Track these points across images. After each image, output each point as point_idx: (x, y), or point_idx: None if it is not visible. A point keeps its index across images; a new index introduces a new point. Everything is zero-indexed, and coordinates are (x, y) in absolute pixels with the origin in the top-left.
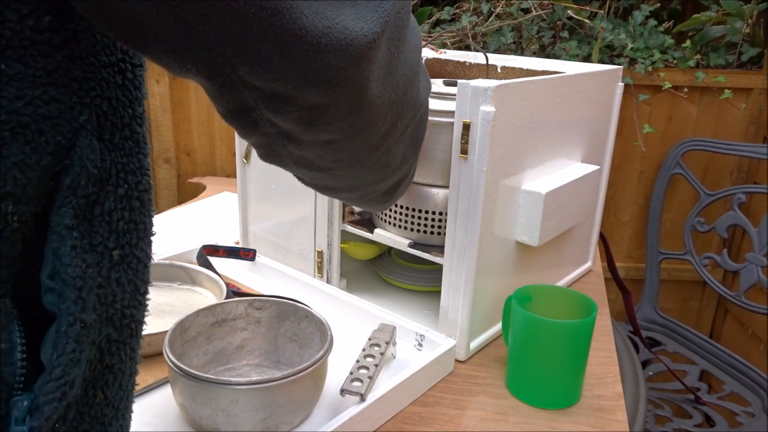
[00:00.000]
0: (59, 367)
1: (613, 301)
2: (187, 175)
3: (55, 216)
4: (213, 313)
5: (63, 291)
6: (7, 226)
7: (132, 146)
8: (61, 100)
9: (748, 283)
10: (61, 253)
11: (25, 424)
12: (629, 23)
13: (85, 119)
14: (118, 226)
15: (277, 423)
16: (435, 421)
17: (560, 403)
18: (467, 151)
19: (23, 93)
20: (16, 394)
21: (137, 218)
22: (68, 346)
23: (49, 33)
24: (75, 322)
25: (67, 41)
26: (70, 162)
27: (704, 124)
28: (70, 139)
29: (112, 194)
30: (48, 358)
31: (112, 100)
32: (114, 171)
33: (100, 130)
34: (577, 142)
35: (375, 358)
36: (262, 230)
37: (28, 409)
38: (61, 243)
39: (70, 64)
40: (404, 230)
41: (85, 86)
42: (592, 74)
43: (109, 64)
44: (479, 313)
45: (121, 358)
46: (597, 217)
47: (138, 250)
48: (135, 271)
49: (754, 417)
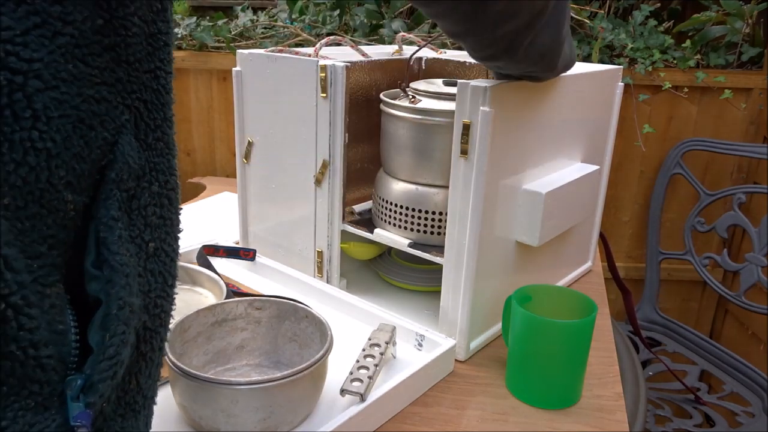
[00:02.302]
0: (111, 347)
1: (613, 301)
2: (187, 175)
3: (101, 208)
4: (213, 313)
5: (112, 277)
6: (66, 214)
7: (163, 147)
8: (108, 99)
9: (748, 283)
10: (109, 242)
11: (80, 401)
12: (629, 23)
13: (126, 119)
14: (151, 221)
15: (277, 423)
16: (435, 421)
17: (560, 403)
18: (467, 151)
19: (82, 91)
20: (71, 374)
21: (166, 215)
22: (119, 327)
23: (101, 35)
24: (125, 306)
25: (115, 45)
26: (114, 157)
27: (704, 124)
28: (114, 136)
29: (147, 190)
30: (98, 340)
31: (147, 102)
32: (148, 169)
33: (136, 130)
34: (577, 142)
35: (375, 358)
36: (262, 230)
37: (81, 387)
38: (109, 233)
39: (116, 67)
40: (404, 230)
41: (128, 88)
42: (592, 74)
43: (149, 70)
44: (479, 313)
45: (152, 346)
46: (597, 217)
47: (166, 244)
48: (164, 264)
49: (754, 417)
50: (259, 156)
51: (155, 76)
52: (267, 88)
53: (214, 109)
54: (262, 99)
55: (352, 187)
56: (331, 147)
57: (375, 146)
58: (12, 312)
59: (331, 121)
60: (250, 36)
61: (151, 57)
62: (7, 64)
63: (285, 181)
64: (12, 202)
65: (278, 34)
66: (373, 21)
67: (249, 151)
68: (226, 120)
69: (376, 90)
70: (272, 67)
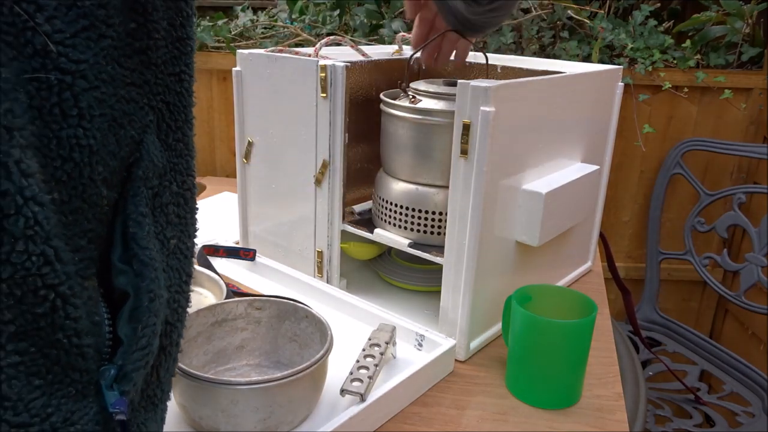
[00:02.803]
0: (144, 338)
1: (613, 301)
2: None
3: (130, 204)
4: (213, 313)
5: (142, 271)
6: (102, 209)
7: (182, 148)
8: (136, 100)
9: (748, 283)
10: (138, 237)
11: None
12: (629, 23)
13: (151, 119)
14: (172, 219)
15: (277, 423)
16: (435, 421)
17: (560, 403)
18: (467, 151)
19: (117, 91)
20: (104, 364)
21: (182, 213)
22: (150, 319)
23: (132, 39)
24: (155, 298)
25: (146, 48)
26: (140, 155)
27: (704, 124)
28: (140, 135)
29: (168, 189)
30: (128, 332)
31: (170, 104)
32: (168, 169)
33: (158, 131)
34: (577, 142)
35: (375, 358)
36: (262, 230)
37: (114, 377)
38: (138, 228)
39: (145, 69)
40: (404, 230)
41: (154, 90)
42: (592, 74)
43: (173, 74)
44: (479, 313)
45: (171, 340)
46: (597, 217)
47: (182, 243)
48: (181, 262)
49: (754, 417)
50: (259, 156)
51: (179, 79)
52: (267, 88)
53: (214, 109)
54: (262, 99)
55: (352, 187)
56: (331, 147)
57: (375, 146)
58: (60, 301)
59: (331, 121)
60: (250, 36)
61: (177, 61)
62: (59, 65)
63: (285, 181)
64: (58, 196)
65: (278, 34)
66: (373, 21)
67: (249, 151)
68: (226, 120)
69: (376, 90)
70: (272, 67)
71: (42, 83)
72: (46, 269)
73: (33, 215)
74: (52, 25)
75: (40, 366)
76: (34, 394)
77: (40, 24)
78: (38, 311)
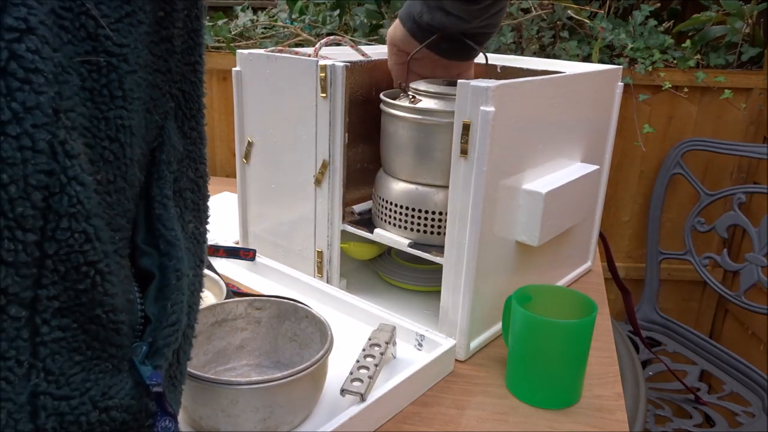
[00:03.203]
0: (174, 315)
1: (613, 301)
2: None
3: (155, 187)
4: (213, 313)
5: (169, 251)
6: (136, 190)
7: (196, 136)
8: (160, 86)
9: (748, 283)
10: (164, 219)
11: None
12: (629, 23)
13: (171, 106)
14: (189, 204)
15: (277, 423)
16: (435, 421)
17: (560, 403)
18: (467, 151)
19: (147, 77)
20: (136, 341)
21: (197, 200)
22: (179, 297)
23: (160, 27)
24: (182, 277)
25: (170, 37)
26: (163, 140)
27: (704, 124)
28: (163, 120)
29: (185, 175)
30: (157, 310)
31: (186, 93)
32: (185, 155)
33: (175, 118)
34: (577, 142)
35: (375, 358)
36: (262, 230)
37: (146, 353)
38: (164, 210)
39: (168, 57)
40: (404, 230)
41: (174, 78)
42: (592, 74)
43: (189, 63)
44: (479, 313)
45: (191, 321)
46: (597, 217)
47: (196, 229)
48: (196, 246)
49: (754, 417)
50: (259, 156)
51: (194, 69)
52: (267, 88)
53: (214, 109)
54: (262, 99)
55: (352, 187)
56: (331, 147)
57: (375, 146)
58: (100, 278)
59: (330, 121)
60: (250, 36)
61: (192, 51)
62: (106, 48)
63: (285, 181)
64: (104, 176)
65: (278, 34)
66: (373, 21)
67: (249, 151)
68: (226, 120)
69: (376, 90)
70: (272, 67)
71: (93, 65)
72: (87, 246)
73: (75, 194)
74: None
75: (80, 342)
76: (75, 369)
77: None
78: (80, 287)
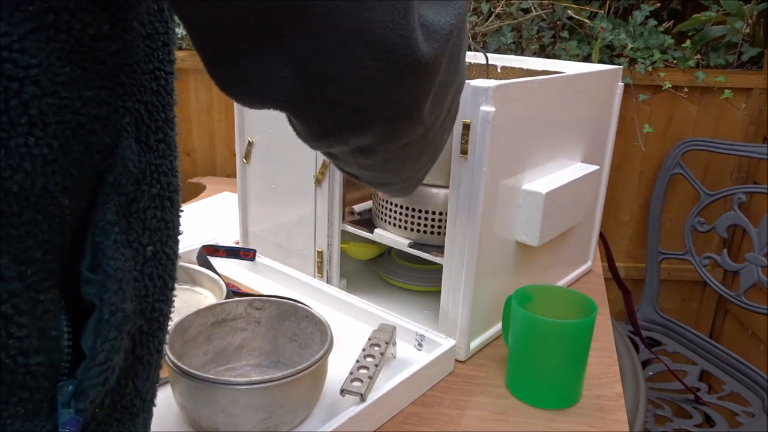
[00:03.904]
0: (102, 353)
1: (613, 301)
2: (187, 175)
3: (98, 212)
4: (213, 313)
5: (105, 282)
6: (63, 219)
7: (164, 148)
8: (109, 103)
9: (748, 283)
10: (104, 246)
11: (71, 407)
12: (629, 23)
13: (127, 122)
14: (151, 224)
15: (277, 423)
16: (435, 421)
17: (560, 403)
18: (467, 151)
19: (82, 94)
20: (62, 380)
21: (167, 217)
22: (111, 333)
23: (105, 41)
24: (117, 312)
25: (119, 50)
26: (114, 161)
27: (704, 124)
28: (114, 140)
29: (147, 193)
30: (90, 345)
31: (148, 104)
32: (149, 171)
33: (137, 133)
34: (577, 142)
35: (375, 358)
36: (262, 230)
37: (72, 393)
38: (104, 237)
39: (118, 71)
40: (404, 230)
41: (129, 91)
42: (592, 74)
43: (148, 71)
44: (479, 313)
45: (150, 350)
46: (597, 217)
47: (167, 247)
48: (164, 268)
49: (754, 417)
50: (259, 156)
51: (155, 77)
52: None
53: (214, 109)
54: None
55: (352, 187)
56: None
57: None
58: (2, 321)
59: None
60: None
61: (150, 58)
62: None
63: (285, 181)
64: (7, 208)
65: None
66: None
67: (249, 151)
68: (226, 120)
69: None
70: None
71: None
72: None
73: None
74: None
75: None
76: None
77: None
78: None
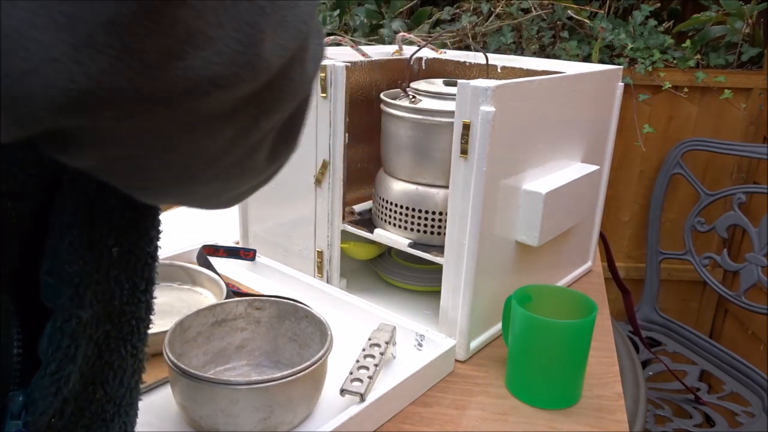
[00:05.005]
0: (54, 363)
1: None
2: None
3: (54, 213)
4: (213, 313)
5: (59, 287)
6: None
7: None
8: None
9: (748, 283)
10: (59, 249)
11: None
12: (629, 23)
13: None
14: (118, 224)
15: (277, 423)
16: (435, 421)
17: (560, 403)
18: (467, 151)
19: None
20: (13, 389)
21: (138, 217)
22: (63, 341)
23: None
24: (71, 318)
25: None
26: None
27: (704, 124)
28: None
29: (113, 193)
30: (44, 353)
31: None
32: None
33: None
34: (577, 142)
35: (375, 358)
36: (262, 230)
37: (23, 404)
38: (60, 240)
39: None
40: (404, 230)
41: None
42: (592, 74)
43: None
44: (479, 313)
45: (121, 354)
46: (597, 217)
47: (137, 248)
48: (134, 269)
49: (754, 417)
50: None
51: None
52: None
53: None
54: None
55: (352, 187)
56: (331, 147)
57: (375, 146)
58: None
59: (331, 121)
60: None
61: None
62: None
63: (285, 181)
64: None
65: None
66: (373, 21)
67: None
68: None
69: (376, 90)
70: None
71: None
72: None
73: None
74: None
75: None
76: None
77: None
78: None
